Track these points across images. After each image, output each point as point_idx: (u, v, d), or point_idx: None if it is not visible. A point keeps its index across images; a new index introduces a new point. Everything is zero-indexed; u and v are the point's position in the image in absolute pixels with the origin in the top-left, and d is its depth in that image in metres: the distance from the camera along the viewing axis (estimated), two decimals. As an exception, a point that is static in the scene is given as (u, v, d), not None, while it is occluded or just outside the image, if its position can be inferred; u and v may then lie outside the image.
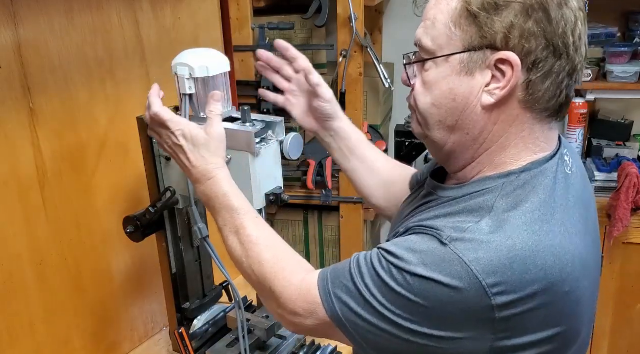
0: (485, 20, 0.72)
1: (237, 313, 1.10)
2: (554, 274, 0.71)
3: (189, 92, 0.99)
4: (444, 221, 0.76)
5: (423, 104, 0.80)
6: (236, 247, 0.90)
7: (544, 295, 0.70)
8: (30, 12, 1.04)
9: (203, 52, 1.01)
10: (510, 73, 0.73)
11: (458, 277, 0.69)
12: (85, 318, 1.25)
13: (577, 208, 0.78)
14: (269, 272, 0.86)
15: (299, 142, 1.03)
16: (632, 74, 2.16)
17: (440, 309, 0.71)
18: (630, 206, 2.04)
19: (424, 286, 0.71)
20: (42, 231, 1.12)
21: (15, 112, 1.04)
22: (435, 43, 0.77)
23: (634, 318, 2.16)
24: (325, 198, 2.23)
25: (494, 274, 0.69)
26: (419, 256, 0.72)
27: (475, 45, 0.73)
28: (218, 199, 0.92)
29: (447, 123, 0.79)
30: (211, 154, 0.93)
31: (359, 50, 2.03)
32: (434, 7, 0.78)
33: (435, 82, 0.78)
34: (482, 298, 0.69)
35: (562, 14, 0.72)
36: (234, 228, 0.90)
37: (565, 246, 0.73)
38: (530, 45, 0.71)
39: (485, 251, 0.70)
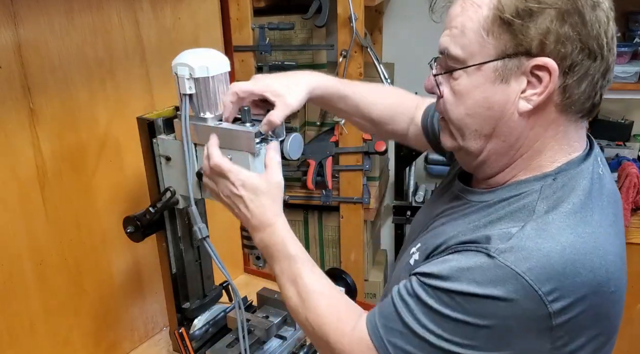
0: (519, 27, 0.70)
1: (237, 313, 1.10)
2: (601, 275, 0.71)
3: (189, 92, 0.99)
4: (485, 230, 0.75)
5: (456, 115, 0.79)
6: (293, 296, 0.88)
7: (593, 296, 0.70)
8: (30, 12, 1.04)
9: (203, 52, 1.01)
10: (547, 79, 0.72)
11: (514, 289, 0.68)
12: (85, 318, 1.25)
13: (611, 207, 0.79)
14: (324, 322, 0.85)
15: (299, 142, 1.03)
16: (632, 74, 2.16)
17: (500, 326, 0.70)
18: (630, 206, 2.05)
19: (479, 304, 0.70)
20: (42, 231, 1.12)
21: (15, 112, 1.04)
22: (465, 51, 0.75)
23: (634, 318, 2.16)
24: (325, 198, 2.23)
25: (548, 282, 0.68)
26: (468, 274, 0.71)
27: (510, 53, 0.72)
28: (276, 247, 0.91)
29: (484, 132, 0.78)
30: (271, 202, 0.92)
31: (359, 50, 2.03)
32: (461, 14, 0.75)
33: (467, 91, 0.77)
34: (540, 307, 0.69)
35: (595, 16, 0.71)
36: (292, 277, 0.89)
37: (607, 247, 0.73)
38: (566, 49, 0.70)
39: (537, 259, 0.69)
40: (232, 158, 0.99)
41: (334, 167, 2.21)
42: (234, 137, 0.97)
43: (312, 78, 0.99)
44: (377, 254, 2.74)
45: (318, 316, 0.85)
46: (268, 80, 0.96)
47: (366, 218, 2.30)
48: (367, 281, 2.51)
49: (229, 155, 0.99)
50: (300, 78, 0.97)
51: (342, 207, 2.25)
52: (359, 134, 2.14)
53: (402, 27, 2.48)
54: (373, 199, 2.25)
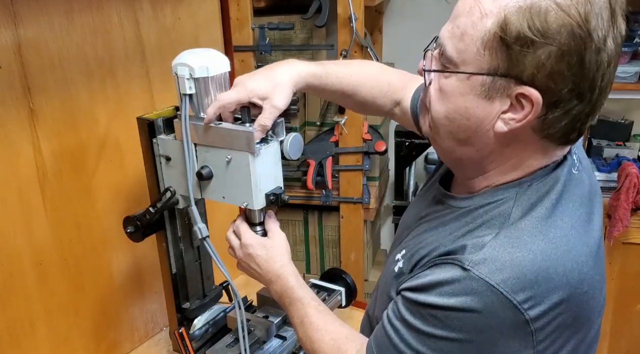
0: (517, 52, 0.69)
1: (237, 313, 1.10)
2: (574, 277, 0.72)
3: (189, 92, 0.99)
4: (463, 240, 0.77)
5: (436, 113, 0.79)
6: (302, 336, 0.96)
7: (568, 299, 0.72)
8: (30, 12, 1.04)
9: (203, 52, 1.01)
10: (529, 109, 0.71)
11: (489, 301, 0.70)
12: (85, 318, 1.25)
13: (584, 207, 0.79)
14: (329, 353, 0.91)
15: (299, 142, 1.03)
16: (632, 74, 2.16)
17: (483, 339, 0.71)
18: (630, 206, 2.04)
19: (460, 319, 0.71)
20: (42, 231, 1.12)
21: (15, 112, 1.04)
22: (460, 56, 0.74)
23: (633, 318, 2.16)
24: (325, 198, 2.23)
25: (522, 291, 0.69)
26: (444, 289, 0.72)
27: (501, 72, 0.71)
28: (286, 293, 0.99)
29: (458, 137, 0.79)
30: (277, 255, 1.02)
31: (359, 50, 2.03)
32: (466, 16, 0.73)
33: (451, 94, 0.76)
34: (517, 315, 0.70)
35: (598, 59, 0.69)
36: (300, 318, 0.97)
37: (579, 248, 0.74)
38: (556, 86, 0.69)
39: (510, 270, 0.70)
40: (232, 158, 0.99)
41: (334, 167, 2.21)
42: (234, 137, 0.97)
43: (295, 71, 0.99)
44: (377, 254, 2.74)
45: (322, 349, 0.92)
46: (251, 84, 0.96)
47: (366, 218, 2.30)
48: (367, 281, 2.51)
49: (228, 155, 0.99)
50: (284, 74, 0.97)
51: (342, 207, 2.25)
52: (359, 134, 2.14)
53: (402, 27, 2.48)
54: (373, 199, 2.25)
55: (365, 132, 2.16)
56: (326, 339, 0.92)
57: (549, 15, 0.66)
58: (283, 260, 1.02)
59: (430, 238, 0.84)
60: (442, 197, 0.88)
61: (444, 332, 0.72)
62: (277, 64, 1.00)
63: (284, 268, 1.01)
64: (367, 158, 2.18)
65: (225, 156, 0.99)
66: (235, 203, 1.03)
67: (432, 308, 0.73)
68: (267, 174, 1.00)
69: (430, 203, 0.92)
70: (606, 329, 2.16)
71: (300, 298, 0.97)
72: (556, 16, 0.66)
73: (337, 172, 2.22)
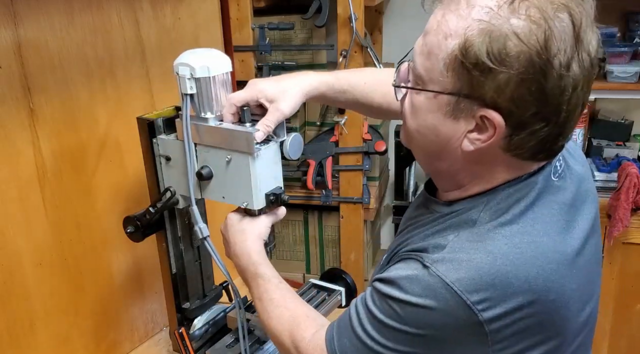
0: (477, 76, 0.68)
1: (237, 313, 1.10)
2: (538, 284, 0.72)
3: (189, 92, 0.99)
4: (431, 239, 0.78)
5: (409, 126, 0.80)
6: (260, 311, 0.96)
7: (530, 305, 0.71)
8: (30, 12, 1.04)
9: (204, 52, 1.01)
10: (492, 131, 0.71)
11: (444, 299, 0.71)
12: (85, 318, 1.25)
13: (562, 214, 0.78)
14: (287, 329, 0.90)
15: (299, 142, 1.03)
16: (632, 74, 2.16)
17: (436, 335, 0.73)
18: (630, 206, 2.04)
19: (414, 314, 0.73)
20: (42, 231, 1.12)
21: (16, 112, 1.04)
22: (427, 74, 0.74)
23: (633, 318, 2.16)
24: (325, 198, 2.23)
25: (477, 292, 0.70)
26: (405, 283, 0.74)
27: (464, 94, 0.70)
28: (249, 268, 0.98)
29: (429, 151, 0.80)
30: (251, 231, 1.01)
31: (359, 50, 2.03)
32: (434, 34, 0.72)
33: (421, 110, 0.77)
34: (470, 316, 0.70)
35: (560, 84, 0.67)
36: (259, 294, 0.96)
37: (549, 255, 0.74)
38: (519, 110, 0.69)
39: (467, 270, 0.71)
40: (232, 159, 0.99)
41: (334, 167, 2.21)
42: (234, 137, 0.97)
43: (307, 81, 1.00)
44: (377, 254, 2.74)
45: (280, 324, 0.92)
46: (262, 85, 0.97)
47: (366, 218, 2.30)
48: (367, 281, 2.51)
49: (228, 156, 0.99)
50: (295, 82, 0.99)
51: (342, 207, 2.25)
52: (359, 134, 2.14)
53: (402, 27, 2.48)
54: (373, 199, 2.25)
55: (365, 132, 2.16)
56: (286, 316, 0.92)
57: (508, 42, 0.66)
58: (253, 237, 1.01)
59: (407, 236, 0.86)
60: (426, 201, 0.90)
61: (399, 325, 0.74)
62: (291, 73, 1.02)
63: (253, 244, 1.00)
64: (367, 158, 2.18)
65: (225, 156, 0.99)
66: (235, 203, 1.03)
67: (392, 300, 0.74)
68: (267, 174, 1.00)
69: (418, 207, 0.93)
70: (606, 329, 2.15)
71: (261, 274, 0.96)
72: (514, 44, 0.65)
73: (337, 172, 2.22)
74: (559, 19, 0.67)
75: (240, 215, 1.03)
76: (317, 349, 0.84)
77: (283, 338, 0.90)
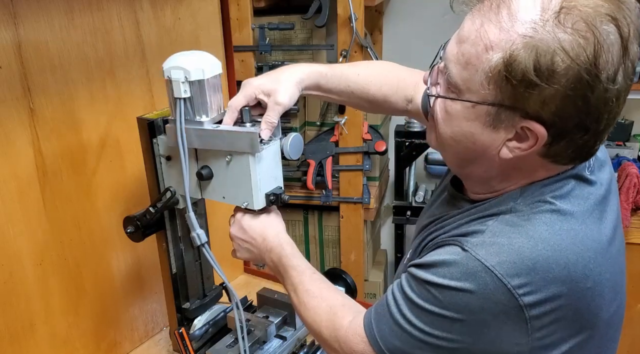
0: (521, 90, 0.67)
1: (236, 314, 1.10)
2: (577, 271, 0.72)
3: (184, 96, 0.97)
4: (467, 227, 0.78)
5: (443, 133, 0.78)
6: (296, 303, 0.96)
7: (569, 292, 0.71)
8: (30, 12, 1.04)
9: (195, 55, 0.99)
10: (533, 141, 0.71)
11: (483, 283, 0.70)
12: (85, 318, 1.25)
13: (597, 205, 0.79)
14: (325, 320, 0.91)
15: (299, 142, 1.03)
16: (632, 74, 2.16)
17: (475, 319, 0.72)
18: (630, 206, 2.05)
19: (452, 297, 0.72)
20: (42, 231, 1.12)
21: (16, 112, 1.04)
22: (464, 84, 0.72)
23: (634, 318, 2.16)
24: (325, 198, 2.23)
25: (518, 276, 0.70)
26: (443, 267, 0.73)
27: (506, 105, 0.69)
28: (281, 261, 0.99)
29: (463, 156, 0.79)
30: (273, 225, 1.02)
31: (359, 50, 2.03)
32: (471, 44, 0.70)
33: (457, 118, 0.75)
34: (510, 300, 0.70)
35: (606, 96, 0.67)
36: (294, 286, 0.96)
37: (586, 243, 0.74)
38: (562, 122, 0.68)
39: (507, 254, 0.71)
40: (232, 158, 0.99)
41: (334, 167, 2.21)
42: (236, 139, 0.96)
43: (300, 70, 1.00)
44: (377, 254, 2.74)
45: (318, 315, 0.92)
46: (257, 82, 0.98)
47: (366, 218, 2.30)
48: (367, 281, 2.51)
49: (228, 157, 0.99)
50: (289, 73, 0.99)
51: (342, 207, 2.25)
52: (359, 134, 2.14)
53: (402, 27, 2.48)
54: (373, 199, 2.25)
55: (365, 132, 2.16)
56: (323, 306, 0.92)
57: (556, 58, 0.64)
58: (278, 228, 1.01)
59: (439, 228, 0.86)
60: (454, 198, 0.89)
61: (438, 309, 0.73)
62: (283, 66, 1.02)
63: (279, 236, 1.00)
64: (367, 158, 2.18)
65: (226, 156, 0.99)
66: (236, 203, 1.03)
67: (430, 285, 0.74)
68: (267, 174, 1.00)
69: (443, 203, 0.92)
70: (606, 329, 2.15)
71: (294, 266, 0.97)
72: (562, 59, 0.64)
73: (337, 172, 2.22)
74: (606, 31, 0.65)
75: (250, 214, 1.02)
76: (356, 336, 0.84)
77: (321, 329, 0.90)
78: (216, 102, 1.00)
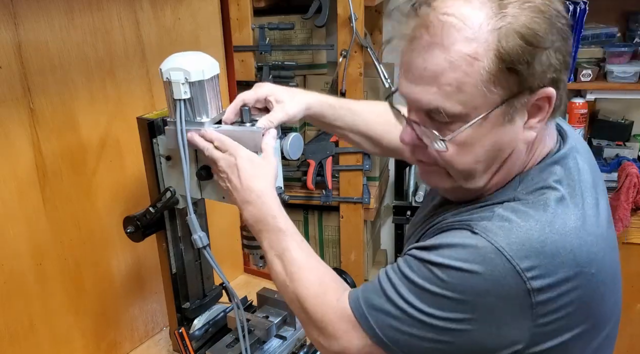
0: (526, 70, 0.69)
1: (236, 314, 1.10)
2: (582, 256, 0.72)
3: (184, 97, 0.97)
4: (473, 215, 0.78)
5: (463, 164, 0.76)
6: (280, 270, 0.89)
7: (574, 278, 0.71)
8: (30, 12, 1.04)
9: (193, 56, 0.99)
10: (547, 106, 0.73)
11: (492, 264, 0.70)
12: (85, 318, 1.25)
13: (590, 191, 0.80)
14: (309, 294, 0.86)
15: (299, 142, 1.03)
16: (632, 74, 2.16)
17: (480, 301, 0.71)
18: (630, 206, 2.05)
19: (460, 279, 0.71)
20: (42, 231, 1.12)
21: (16, 112, 1.04)
22: (467, 106, 0.71)
23: (634, 318, 2.16)
24: (325, 198, 2.22)
25: (527, 258, 0.70)
26: (452, 250, 0.73)
27: (515, 93, 0.71)
28: (266, 219, 0.90)
29: (493, 169, 0.78)
30: (263, 175, 0.92)
31: (359, 50, 2.03)
32: (451, 70, 0.69)
33: (473, 141, 0.74)
34: (518, 283, 0.70)
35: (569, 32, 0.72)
36: (279, 251, 0.89)
37: (587, 228, 0.75)
38: (558, 73, 0.72)
39: (517, 236, 0.71)
40: (232, 158, 0.98)
41: (334, 167, 2.21)
42: (237, 138, 0.96)
43: (313, 95, 1.03)
44: (377, 254, 2.74)
45: (306, 288, 0.86)
46: (272, 86, 1.00)
47: (366, 218, 2.30)
48: (367, 281, 2.50)
49: (228, 155, 0.99)
50: (303, 92, 1.03)
51: (342, 207, 2.25)
52: (359, 134, 2.14)
53: (402, 27, 2.47)
54: (373, 199, 2.25)
55: (365, 132, 2.16)
56: (312, 279, 0.87)
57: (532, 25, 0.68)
58: (267, 181, 0.92)
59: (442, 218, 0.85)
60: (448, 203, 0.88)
61: (441, 290, 0.72)
62: (297, 88, 1.06)
63: (267, 190, 0.91)
64: (367, 158, 2.18)
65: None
66: (236, 203, 1.02)
67: (435, 265, 0.73)
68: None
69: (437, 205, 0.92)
70: (606, 329, 2.15)
71: (282, 229, 0.89)
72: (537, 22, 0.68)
73: (337, 172, 2.22)
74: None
75: (251, 153, 0.94)
76: (344, 316, 0.81)
77: (307, 304, 0.85)
78: (215, 103, 1.01)
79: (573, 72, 2.17)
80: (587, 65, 2.21)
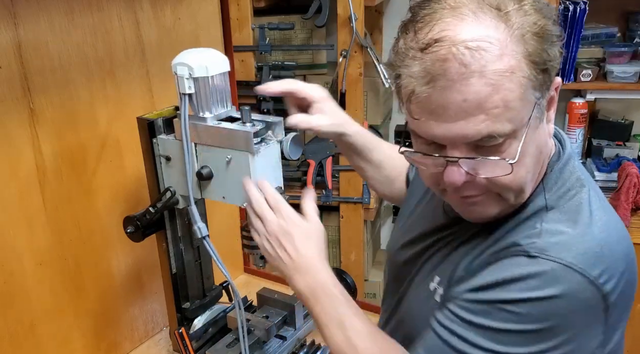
0: (552, 66, 0.70)
1: (237, 313, 1.10)
2: (625, 245, 0.74)
3: (188, 92, 0.99)
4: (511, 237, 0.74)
5: (519, 180, 0.72)
6: (340, 340, 0.83)
7: (626, 271, 0.72)
8: (30, 12, 1.04)
9: (203, 52, 1.01)
10: (554, 93, 0.74)
11: (567, 282, 0.68)
12: (85, 318, 1.25)
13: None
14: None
15: (299, 142, 1.03)
16: (632, 74, 2.16)
17: (564, 323, 0.69)
18: (630, 206, 2.05)
19: (540, 307, 0.68)
20: (42, 231, 1.12)
21: (16, 112, 1.04)
22: (516, 121, 0.68)
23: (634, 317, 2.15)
24: (325, 198, 2.22)
25: (594, 265, 0.69)
26: (521, 282, 0.69)
27: (544, 90, 0.71)
28: (323, 289, 0.86)
29: (535, 175, 0.77)
30: (316, 243, 0.90)
31: (359, 50, 2.03)
32: (495, 92, 0.66)
33: (524, 154, 0.71)
34: (594, 292, 0.69)
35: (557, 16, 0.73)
36: (338, 319, 0.84)
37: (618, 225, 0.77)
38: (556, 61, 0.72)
39: (576, 247, 0.70)
40: (232, 158, 0.99)
41: (334, 167, 2.21)
42: (233, 137, 0.97)
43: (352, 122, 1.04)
44: (377, 254, 2.74)
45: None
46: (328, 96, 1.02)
47: (366, 218, 2.30)
48: (367, 281, 2.51)
49: (228, 155, 0.99)
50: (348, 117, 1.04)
51: (342, 207, 2.25)
52: (359, 134, 2.13)
53: (402, 27, 2.47)
54: (373, 199, 2.25)
55: (365, 132, 2.16)
56: (376, 348, 0.82)
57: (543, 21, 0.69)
58: (321, 249, 0.90)
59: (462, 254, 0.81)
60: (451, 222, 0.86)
61: (520, 326, 0.69)
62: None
63: (321, 257, 0.89)
64: (367, 158, 2.18)
65: (226, 155, 0.99)
66: (236, 203, 1.03)
67: (508, 303, 0.69)
68: (267, 174, 1.00)
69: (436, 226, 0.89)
70: (606, 329, 2.14)
71: (339, 298, 0.85)
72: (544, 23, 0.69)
73: (337, 172, 2.22)
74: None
75: (299, 217, 0.91)
76: None
77: None
78: (221, 100, 1.02)
79: (573, 72, 2.17)
80: (587, 65, 2.21)
